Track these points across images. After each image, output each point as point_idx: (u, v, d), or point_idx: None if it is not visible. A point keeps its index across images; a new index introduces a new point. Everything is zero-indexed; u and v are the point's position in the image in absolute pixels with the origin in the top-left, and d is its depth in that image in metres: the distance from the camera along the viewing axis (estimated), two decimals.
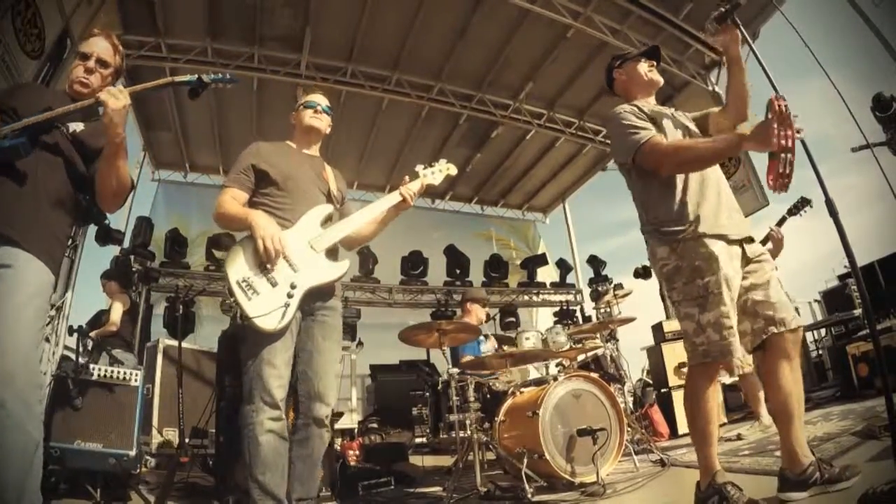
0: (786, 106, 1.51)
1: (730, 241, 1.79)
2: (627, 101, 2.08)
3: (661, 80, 2.13)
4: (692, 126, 2.05)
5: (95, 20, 4.73)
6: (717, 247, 1.75)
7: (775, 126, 1.50)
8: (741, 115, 1.97)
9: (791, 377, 1.77)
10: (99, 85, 1.76)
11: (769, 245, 3.34)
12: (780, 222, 3.46)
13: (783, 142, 1.49)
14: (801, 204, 3.36)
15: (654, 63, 2.12)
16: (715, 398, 1.79)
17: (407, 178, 2.31)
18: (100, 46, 1.81)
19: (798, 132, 1.52)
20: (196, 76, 1.73)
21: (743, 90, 1.94)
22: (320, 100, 2.35)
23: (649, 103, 2.07)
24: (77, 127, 1.65)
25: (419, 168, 2.36)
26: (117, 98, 1.54)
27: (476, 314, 4.31)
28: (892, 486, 1.40)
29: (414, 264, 8.28)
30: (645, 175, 1.92)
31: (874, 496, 1.43)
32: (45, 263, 1.45)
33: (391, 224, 2.34)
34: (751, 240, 1.87)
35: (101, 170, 1.62)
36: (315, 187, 2.20)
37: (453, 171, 2.42)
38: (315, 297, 2.05)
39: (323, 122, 2.33)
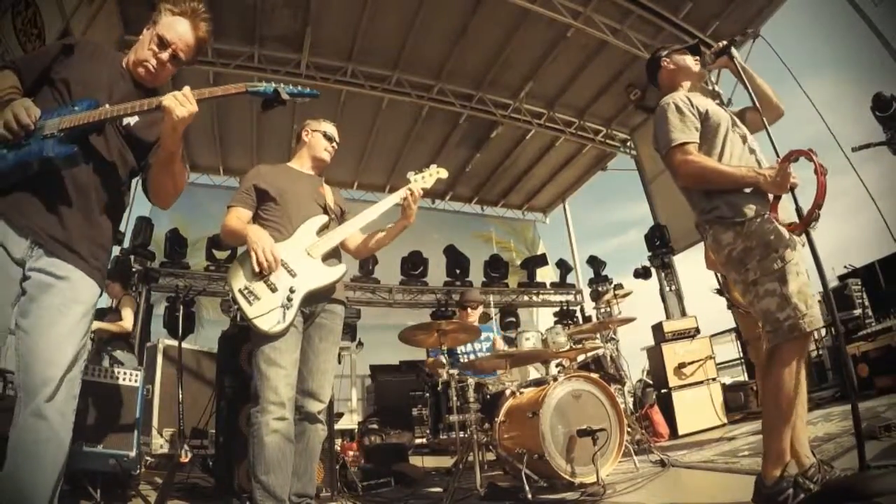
0: (820, 164, 1.62)
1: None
2: (672, 90, 2.08)
3: (707, 74, 2.16)
4: (740, 124, 2.02)
5: (96, 20, 4.74)
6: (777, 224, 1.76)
7: (789, 174, 1.68)
8: (776, 112, 2.01)
9: (799, 377, 1.74)
10: (163, 76, 1.63)
11: None
12: None
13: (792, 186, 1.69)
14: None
15: (698, 58, 2.15)
16: (802, 380, 1.68)
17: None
18: (183, 39, 1.61)
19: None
20: (272, 88, 1.53)
21: (762, 93, 1.98)
22: (335, 133, 2.47)
23: (696, 96, 2.06)
24: (131, 119, 1.51)
25: (410, 175, 2.42)
26: (183, 105, 1.42)
27: (464, 318, 4.30)
28: (855, 472, 1.45)
29: (414, 264, 8.29)
30: None
31: (838, 480, 1.47)
32: (95, 280, 1.42)
33: (385, 217, 2.38)
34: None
35: (156, 174, 1.56)
36: (312, 201, 2.29)
37: (444, 174, 2.47)
38: (315, 300, 2.14)
39: (331, 155, 2.47)
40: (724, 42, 2.01)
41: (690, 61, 2.12)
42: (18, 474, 1.22)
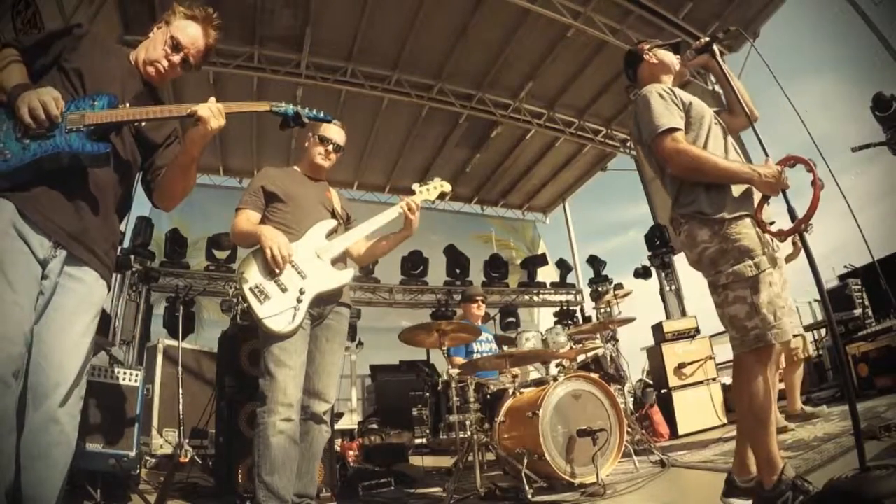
0: (819, 178, 1.59)
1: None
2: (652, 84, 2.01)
3: (688, 75, 2.11)
4: (719, 121, 1.98)
5: (96, 20, 4.73)
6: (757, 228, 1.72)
7: (784, 178, 1.65)
8: (752, 116, 1.93)
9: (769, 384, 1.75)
10: (169, 78, 1.64)
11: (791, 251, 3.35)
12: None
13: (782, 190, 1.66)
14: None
15: (679, 57, 2.10)
16: (773, 385, 1.66)
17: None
18: (195, 45, 1.63)
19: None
20: (294, 111, 1.64)
21: (739, 97, 1.93)
22: (335, 136, 2.40)
23: (677, 89, 2.00)
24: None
25: (415, 186, 2.46)
26: (217, 118, 1.48)
27: (472, 312, 4.32)
28: (856, 474, 1.43)
29: (414, 264, 8.28)
30: None
31: (839, 483, 1.45)
32: (106, 281, 1.44)
33: (392, 224, 2.40)
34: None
35: (172, 176, 1.58)
36: (320, 205, 2.32)
37: (447, 187, 2.51)
38: (323, 302, 2.16)
39: (329, 162, 2.42)
40: (706, 39, 1.95)
41: (673, 58, 2.06)
42: (29, 476, 1.22)
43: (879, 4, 4.97)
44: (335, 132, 2.41)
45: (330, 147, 2.39)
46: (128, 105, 1.41)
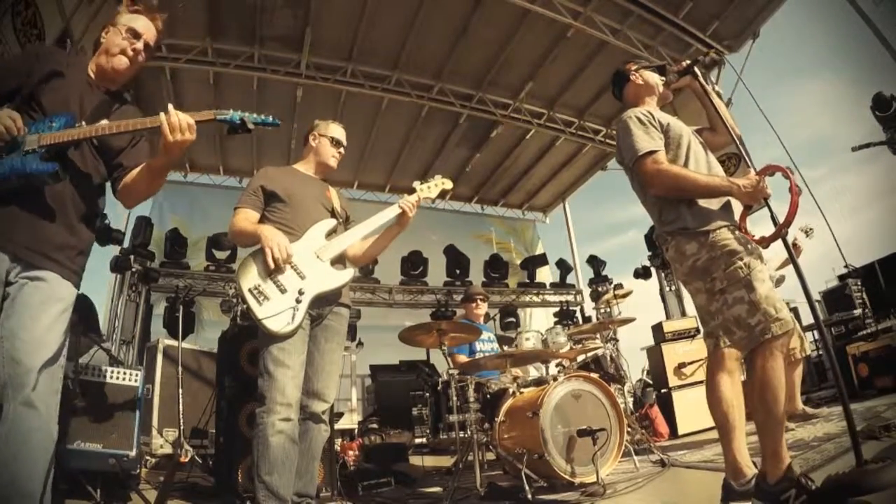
0: (796, 184, 1.65)
1: None
2: (635, 106, 2.11)
3: (671, 97, 2.20)
4: (698, 138, 2.06)
5: (96, 20, 4.73)
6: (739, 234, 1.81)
7: (763, 187, 1.73)
8: (733, 133, 2.02)
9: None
10: (132, 70, 1.69)
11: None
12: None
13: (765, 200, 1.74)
14: None
15: (664, 78, 2.18)
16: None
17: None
18: (150, 31, 1.71)
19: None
20: (239, 117, 1.64)
21: (720, 116, 2.01)
22: (343, 136, 2.46)
23: (657, 110, 2.10)
24: (103, 122, 1.55)
25: (416, 184, 2.46)
26: (174, 132, 1.49)
27: (472, 311, 4.33)
28: (852, 469, 1.47)
29: (414, 264, 8.28)
30: None
31: (836, 478, 1.48)
32: (72, 282, 1.49)
33: (391, 223, 2.40)
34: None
35: (139, 178, 1.62)
36: (319, 204, 2.32)
37: (448, 185, 2.50)
38: (323, 303, 2.16)
39: (338, 161, 2.47)
40: (688, 62, 2.05)
41: (657, 79, 2.15)
42: (13, 464, 1.26)
43: (879, 4, 4.97)
44: (340, 132, 2.46)
45: (342, 149, 2.45)
46: (84, 124, 1.48)
